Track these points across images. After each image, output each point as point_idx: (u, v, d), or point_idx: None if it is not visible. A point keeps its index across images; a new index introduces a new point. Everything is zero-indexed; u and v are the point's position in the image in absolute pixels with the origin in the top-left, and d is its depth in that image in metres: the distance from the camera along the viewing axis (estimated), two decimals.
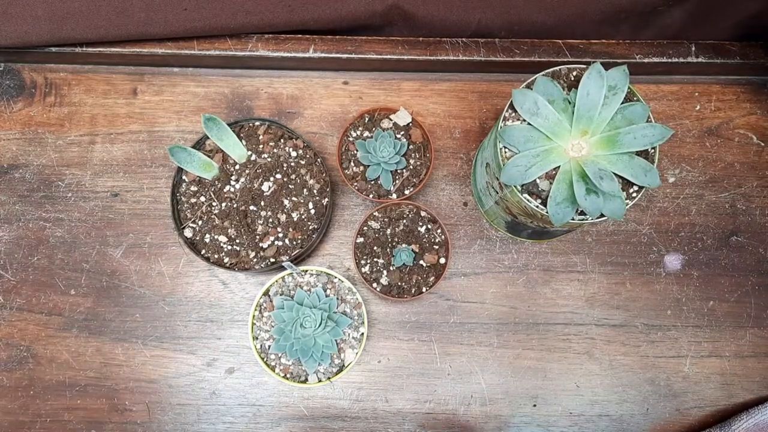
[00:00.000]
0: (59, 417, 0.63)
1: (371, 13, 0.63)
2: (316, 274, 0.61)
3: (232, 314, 0.65)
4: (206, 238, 0.60)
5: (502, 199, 0.56)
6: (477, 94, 0.70)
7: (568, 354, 0.65)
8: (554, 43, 0.66)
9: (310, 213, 0.61)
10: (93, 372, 0.64)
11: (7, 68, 0.70)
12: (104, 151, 0.68)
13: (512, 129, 0.49)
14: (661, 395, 0.64)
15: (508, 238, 0.67)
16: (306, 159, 0.63)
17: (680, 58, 0.67)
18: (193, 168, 0.61)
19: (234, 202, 0.61)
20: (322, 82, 0.70)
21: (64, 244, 0.66)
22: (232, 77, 0.70)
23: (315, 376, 0.59)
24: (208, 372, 0.64)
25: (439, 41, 0.67)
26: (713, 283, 0.66)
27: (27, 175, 0.67)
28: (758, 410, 0.62)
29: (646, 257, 0.67)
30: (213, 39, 0.66)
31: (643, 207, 0.68)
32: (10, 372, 0.64)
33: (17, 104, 0.69)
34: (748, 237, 0.67)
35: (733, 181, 0.69)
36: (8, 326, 0.64)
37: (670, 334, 0.65)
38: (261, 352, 0.60)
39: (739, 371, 0.65)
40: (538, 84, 0.50)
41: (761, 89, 0.71)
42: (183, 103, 0.69)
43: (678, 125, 0.70)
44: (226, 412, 0.63)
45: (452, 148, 0.69)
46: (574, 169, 0.48)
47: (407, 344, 0.65)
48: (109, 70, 0.70)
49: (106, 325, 0.65)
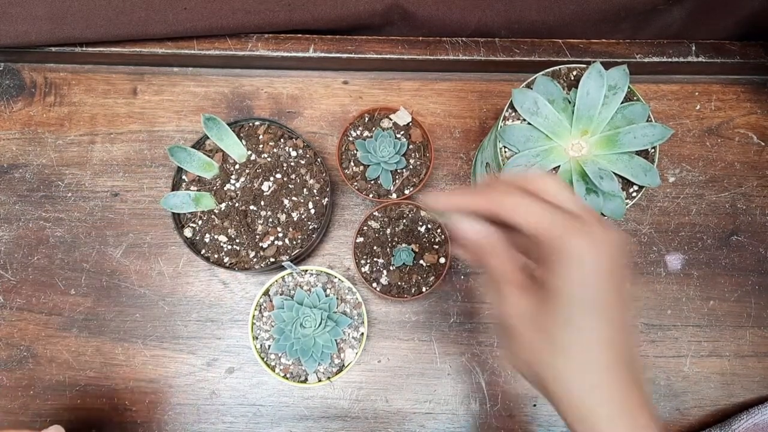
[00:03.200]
0: (59, 417, 0.63)
1: (371, 12, 0.63)
2: (316, 273, 0.61)
3: (232, 314, 0.65)
4: (206, 238, 0.60)
5: None
6: (477, 93, 0.70)
7: None
8: (554, 42, 0.66)
9: (310, 213, 0.61)
10: (93, 372, 0.64)
11: (6, 68, 0.70)
12: (104, 150, 0.68)
13: (512, 128, 0.49)
14: (661, 395, 0.64)
15: None
16: (306, 159, 0.62)
17: (680, 58, 0.67)
18: (193, 168, 0.61)
19: (234, 201, 0.61)
20: (322, 82, 0.70)
21: (64, 243, 0.66)
22: (232, 77, 0.70)
23: (315, 376, 0.59)
24: (208, 372, 0.64)
25: (439, 41, 0.67)
26: (713, 283, 0.66)
27: (27, 175, 0.67)
28: (758, 410, 0.62)
29: (646, 257, 0.67)
30: (213, 39, 0.66)
31: (643, 207, 0.68)
32: (10, 372, 0.64)
33: (17, 104, 0.69)
34: (749, 237, 0.67)
35: (733, 180, 0.68)
36: (8, 326, 0.64)
37: (670, 334, 0.65)
38: (261, 352, 0.60)
39: (739, 371, 0.65)
40: (538, 83, 0.50)
41: (761, 89, 0.71)
42: (183, 103, 0.69)
43: (678, 125, 0.70)
44: (226, 412, 0.63)
45: (452, 148, 0.69)
46: (574, 168, 0.48)
47: (407, 344, 0.65)
48: (109, 69, 0.70)
49: (106, 324, 0.65)
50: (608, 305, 0.32)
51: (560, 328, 0.32)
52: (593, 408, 0.32)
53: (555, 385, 0.33)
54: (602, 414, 0.32)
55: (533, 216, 0.31)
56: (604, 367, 0.32)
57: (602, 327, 0.32)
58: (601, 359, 0.32)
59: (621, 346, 0.32)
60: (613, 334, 0.32)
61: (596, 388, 0.32)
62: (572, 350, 0.32)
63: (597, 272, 0.31)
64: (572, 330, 0.32)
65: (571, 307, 0.31)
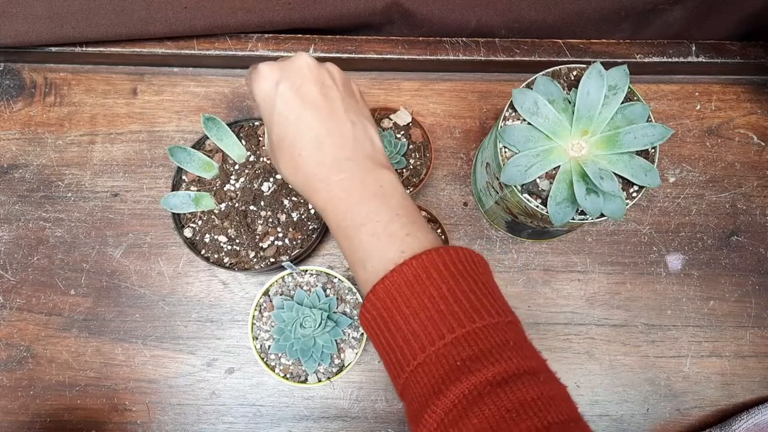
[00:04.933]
0: (59, 417, 0.63)
1: (371, 11, 0.63)
2: (316, 274, 0.61)
3: (232, 314, 0.65)
4: (206, 238, 0.60)
5: (502, 199, 0.56)
6: (477, 93, 0.70)
7: (568, 354, 0.65)
8: (554, 42, 0.66)
9: (310, 213, 0.61)
10: (93, 372, 0.64)
11: (6, 68, 0.70)
12: (104, 151, 0.68)
13: (512, 129, 0.49)
14: (661, 395, 0.64)
15: (508, 238, 0.67)
16: None
17: (680, 58, 0.67)
18: (192, 168, 0.61)
19: (234, 202, 0.61)
20: None
21: (63, 244, 0.66)
22: (232, 77, 0.70)
23: (315, 376, 0.59)
24: (208, 372, 0.64)
25: (439, 41, 0.67)
26: (713, 283, 0.66)
27: (27, 175, 0.67)
28: (758, 410, 0.62)
29: (647, 257, 0.67)
30: (213, 39, 0.66)
31: (644, 207, 0.68)
32: (10, 372, 0.64)
33: (17, 104, 0.69)
34: (749, 237, 0.67)
35: (733, 180, 0.68)
36: (8, 326, 0.64)
37: (670, 334, 0.65)
38: (261, 352, 0.60)
39: (739, 371, 0.65)
40: (538, 84, 0.50)
41: (762, 89, 0.71)
42: (183, 103, 0.69)
43: (678, 125, 0.70)
44: (226, 412, 0.63)
45: (452, 148, 0.69)
46: (574, 168, 0.48)
47: None
48: (109, 70, 0.70)
49: (106, 325, 0.65)
50: (270, 114, 0.43)
51: (272, 144, 0.44)
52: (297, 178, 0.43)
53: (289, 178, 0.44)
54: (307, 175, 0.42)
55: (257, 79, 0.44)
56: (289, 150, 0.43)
57: (272, 131, 0.43)
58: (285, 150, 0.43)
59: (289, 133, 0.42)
60: (277, 131, 0.43)
61: (288, 165, 0.43)
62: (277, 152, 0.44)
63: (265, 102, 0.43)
64: (271, 142, 0.44)
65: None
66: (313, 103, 0.42)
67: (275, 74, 0.43)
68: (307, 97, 0.42)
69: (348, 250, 0.41)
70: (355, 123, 0.43)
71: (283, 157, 0.43)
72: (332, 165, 0.41)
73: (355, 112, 0.43)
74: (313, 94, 0.42)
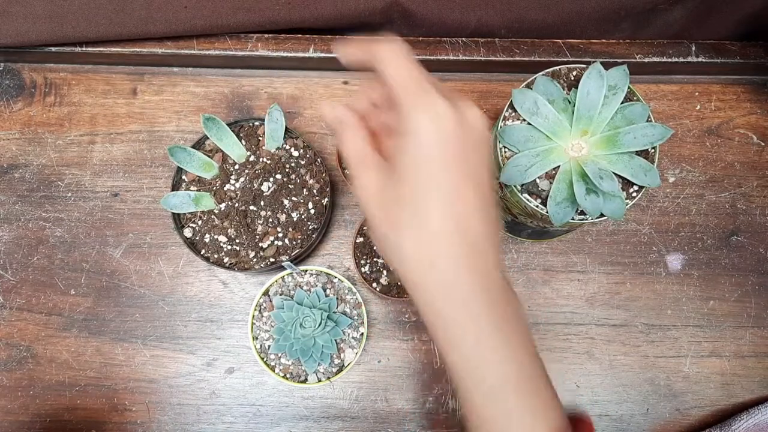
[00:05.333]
0: (59, 417, 0.63)
1: (371, 10, 0.63)
2: (316, 274, 0.61)
3: (232, 314, 0.65)
4: (206, 238, 0.60)
5: (502, 199, 0.56)
6: (477, 93, 0.70)
7: (568, 354, 0.65)
8: (554, 42, 0.66)
9: (309, 213, 0.61)
10: (93, 372, 0.64)
11: (6, 68, 0.70)
12: (104, 151, 0.68)
13: (512, 129, 0.49)
14: (661, 395, 0.64)
15: (508, 238, 0.67)
16: (306, 159, 0.62)
17: (680, 58, 0.67)
18: (192, 168, 0.61)
19: (234, 201, 0.61)
20: (321, 82, 0.70)
21: (63, 244, 0.66)
22: (232, 77, 0.70)
23: (315, 376, 0.59)
24: (208, 372, 0.64)
25: (439, 41, 0.67)
26: (713, 283, 0.66)
27: (27, 175, 0.67)
28: (758, 410, 0.62)
29: (646, 257, 0.67)
30: (213, 39, 0.66)
31: (643, 207, 0.68)
32: (10, 372, 0.64)
33: (17, 104, 0.69)
34: (749, 237, 0.67)
35: (733, 180, 0.68)
36: (8, 326, 0.64)
37: (670, 334, 0.65)
38: (261, 352, 0.60)
39: (739, 371, 0.65)
40: (538, 84, 0.50)
41: (761, 89, 0.71)
42: (183, 103, 0.69)
43: (678, 125, 0.70)
44: (226, 412, 0.63)
45: None
46: (574, 168, 0.48)
47: (407, 344, 0.65)
48: (109, 69, 0.70)
49: (106, 325, 0.65)
50: (441, 183, 0.31)
51: (400, 207, 0.32)
52: (429, 283, 0.32)
53: (399, 264, 0.33)
54: (439, 286, 0.32)
55: (402, 70, 0.31)
56: (441, 242, 0.32)
57: (436, 205, 0.31)
58: (438, 236, 0.32)
59: (460, 221, 0.32)
60: (446, 210, 0.31)
61: (433, 265, 0.32)
62: (410, 230, 0.32)
63: (430, 151, 0.31)
64: (408, 209, 0.32)
65: (407, 184, 0.31)
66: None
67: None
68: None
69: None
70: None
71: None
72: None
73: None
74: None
